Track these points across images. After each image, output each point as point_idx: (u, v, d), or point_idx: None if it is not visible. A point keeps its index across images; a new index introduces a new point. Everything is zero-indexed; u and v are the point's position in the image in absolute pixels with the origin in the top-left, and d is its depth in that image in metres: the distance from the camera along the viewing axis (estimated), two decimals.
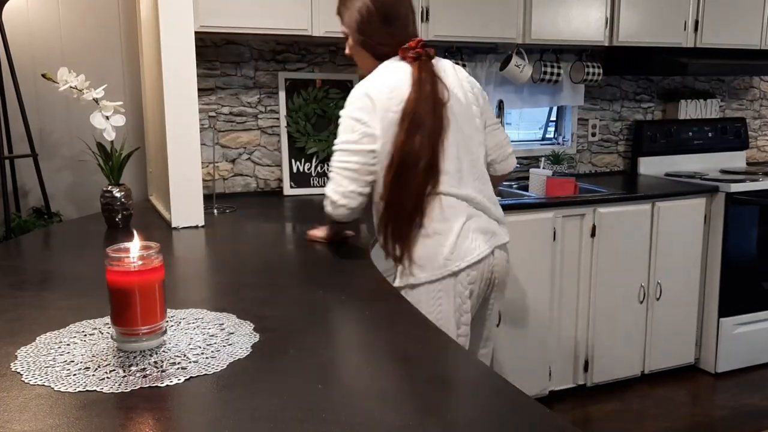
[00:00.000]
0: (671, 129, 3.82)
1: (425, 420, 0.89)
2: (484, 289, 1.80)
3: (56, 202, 2.77)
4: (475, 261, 1.72)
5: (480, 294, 1.79)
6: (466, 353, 1.18)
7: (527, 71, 3.25)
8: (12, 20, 2.63)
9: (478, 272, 1.74)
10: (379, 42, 1.76)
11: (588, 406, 3.06)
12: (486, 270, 1.76)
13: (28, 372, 1.03)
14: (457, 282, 1.71)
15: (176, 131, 2.16)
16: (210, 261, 1.93)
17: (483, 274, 1.76)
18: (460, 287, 1.71)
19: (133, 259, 1.09)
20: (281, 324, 1.27)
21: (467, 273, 1.72)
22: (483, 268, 1.75)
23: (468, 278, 1.72)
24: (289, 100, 2.98)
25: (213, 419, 0.90)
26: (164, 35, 2.10)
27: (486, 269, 1.76)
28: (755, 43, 3.60)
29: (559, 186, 3.10)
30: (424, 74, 1.69)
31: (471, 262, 1.71)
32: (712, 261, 3.32)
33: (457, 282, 1.71)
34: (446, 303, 1.71)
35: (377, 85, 1.70)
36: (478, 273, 1.74)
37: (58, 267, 1.80)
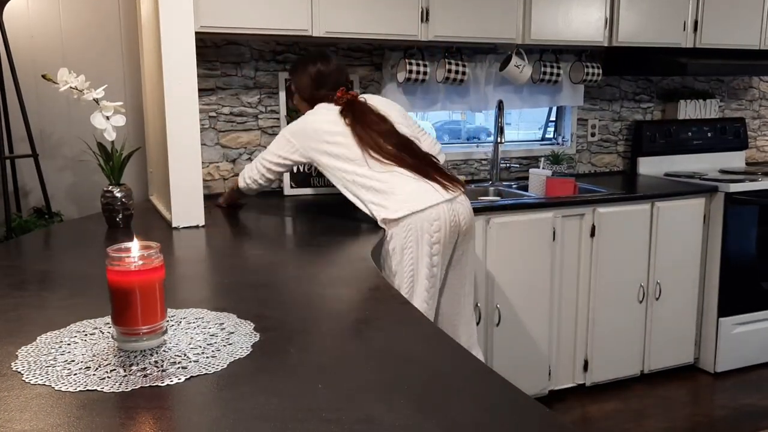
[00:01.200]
0: (671, 129, 3.82)
1: (425, 420, 0.89)
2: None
3: (57, 202, 2.78)
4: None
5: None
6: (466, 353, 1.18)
7: (527, 71, 3.25)
8: (12, 21, 2.64)
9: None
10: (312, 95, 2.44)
11: (587, 406, 3.06)
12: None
13: (29, 371, 1.03)
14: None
15: (177, 131, 2.16)
16: (210, 261, 1.94)
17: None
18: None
19: (133, 259, 1.09)
20: (281, 324, 1.27)
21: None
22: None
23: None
24: (289, 101, 2.99)
25: (213, 419, 0.91)
26: (165, 35, 2.10)
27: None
28: (754, 44, 3.61)
29: (558, 186, 3.11)
30: (354, 106, 2.31)
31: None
32: (712, 261, 3.32)
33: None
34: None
35: (313, 119, 2.33)
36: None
37: (58, 267, 1.80)
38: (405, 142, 2.27)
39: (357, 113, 2.28)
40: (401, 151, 2.23)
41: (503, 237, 2.80)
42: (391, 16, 2.64)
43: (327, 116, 2.31)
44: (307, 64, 2.44)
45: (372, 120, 2.27)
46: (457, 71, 3.08)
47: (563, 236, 2.98)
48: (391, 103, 2.44)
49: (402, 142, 2.26)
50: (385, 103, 2.41)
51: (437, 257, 2.15)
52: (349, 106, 2.30)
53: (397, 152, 2.22)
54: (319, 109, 2.35)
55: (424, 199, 2.14)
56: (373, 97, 2.41)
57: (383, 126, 2.27)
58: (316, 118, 2.33)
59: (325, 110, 2.33)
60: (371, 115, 2.28)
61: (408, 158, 2.22)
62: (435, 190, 2.17)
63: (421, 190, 2.16)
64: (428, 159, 2.28)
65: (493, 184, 3.40)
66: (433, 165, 2.26)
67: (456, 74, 3.08)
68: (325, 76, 2.41)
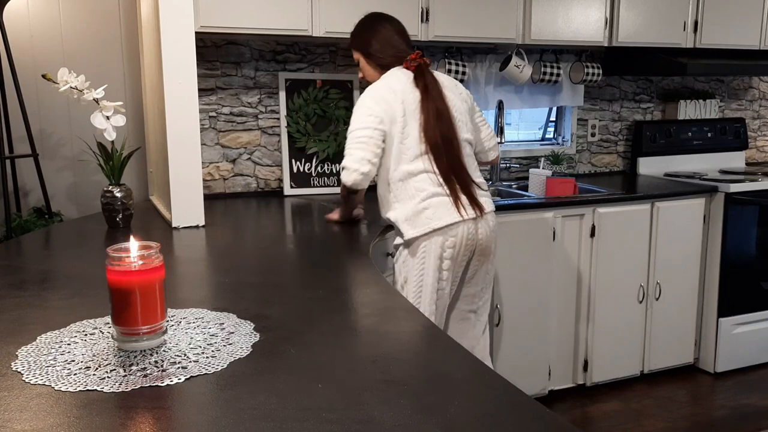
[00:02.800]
0: (671, 129, 3.82)
1: (425, 420, 0.89)
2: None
3: (57, 202, 2.78)
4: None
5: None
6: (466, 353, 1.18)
7: (527, 71, 3.25)
8: (13, 21, 2.64)
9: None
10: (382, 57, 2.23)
11: (587, 406, 3.06)
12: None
13: (29, 371, 1.04)
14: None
15: (177, 131, 2.16)
16: (210, 261, 1.94)
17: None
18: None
19: (133, 259, 1.10)
20: (281, 324, 1.27)
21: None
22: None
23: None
24: (289, 101, 2.99)
25: (213, 418, 0.91)
26: (165, 35, 2.10)
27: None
28: (754, 44, 3.61)
29: (558, 186, 3.11)
30: (426, 76, 2.14)
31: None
32: (712, 261, 3.32)
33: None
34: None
35: (382, 85, 2.15)
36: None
37: (58, 267, 1.80)
38: (450, 135, 2.11)
39: (429, 82, 2.12)
40: (442, 144, 2.08)
41: (503, 237, 2.80)
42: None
43: (400, 81, 2.13)
44: (376, 26, 2.23)
45: (438, 93, 2.11)
46: (457, 71, 3.08)
47: (563, 236, 2.98)
48: (454, 82, 2.25)
49: (448, 133, 2.11)
50: (449, 81, 2.23)
51: (447, 272, 2.12)
52: (420, 73, 2.14)
53: (439, 143, 2.08)
54: (394, 73, 2.17)
55: (444, 217, 2.07)
56: (438, 73, 2.23)
57: (442, 107, 2.10)
58: (391, 81, 2.14)
59: (401, 74, 2.15)
60: (437, 90, 2.12)
61: (444, 156, 2.09)
62: (455, 208, 2.09)
63: (443, 204, 2.08)
64: (461, 167, 2.13)
65: (493, 184, 3.40)
66: (462, 177, 2.13)
67: (456, 74, 3.08)
68: (395, 36, 2.22)
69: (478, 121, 2.32)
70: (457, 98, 2.19)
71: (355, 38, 2.28)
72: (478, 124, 2.31)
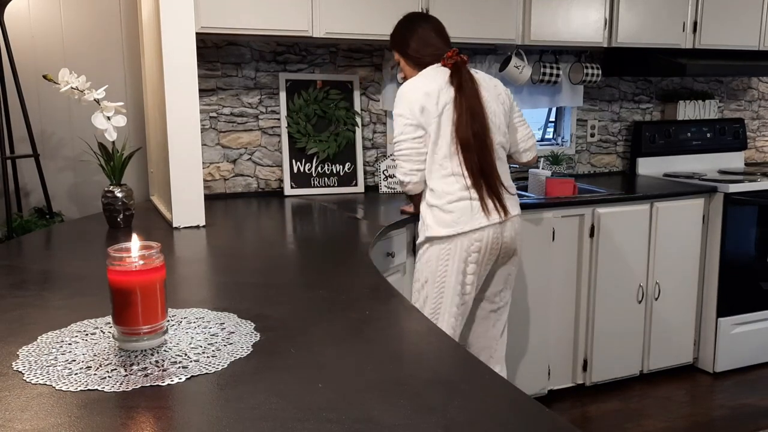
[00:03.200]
0: (670, 130, 3.82)
1: (425, 420, 0.90)
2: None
3: (58, 202, 2.78)
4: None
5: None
6: (466, 353, 1.18)
7: (526, 72, 3.25)
8: (14, 22, 2.64)
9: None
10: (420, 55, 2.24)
11: (587, 406, 3.07)
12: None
13: (30, 371, 1.04)
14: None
15: (177, 132, 2.16)
16: (211, 261, 1.94)
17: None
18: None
19: (134, 259, 1.10)
20: (282, 324, 1.28)
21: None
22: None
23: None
24: (289, 101, 2.99)
25: (214, 418, 0.91)
26: (165, 36, 2.11)
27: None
28: (754, 44, 3.61)
29: (558, 186, 3.11)
30: (462, 73, 2.14)
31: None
32: (711, 261, 3.32)
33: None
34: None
35: (413, 86, 2.15)
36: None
37: (59, 267, 1.81)
38: (483, 134, 2.11)
39: (465, 80, 2.12)
40: (474, 144, 2.09)
41: None
42: (392, 17, 2.62)
43: (434, 76, 2.14)
44: (413, 25, 2.25)
45: (473, 92, 2.11)
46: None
47: (562, 236, 2.98)
48: (493, 81, 2.25)
49: (480, 132, 2.10)
50: (487, 80, 2.22)
51: (472, 276, 2.14)
52: (457, 71, 2.14)
53: (471, 143, 2.08)
54: (429, 71, 2.18)
55: (470, 221, 2.09)
56: (477, 71, 2.24)
57: (476, 107, 2.11)
58: (425, 79, 2.15)
59: (436, 72, 2.16)
60: (473, 89, 2.12)
61: (475, 156, 2.09)
62: (481, 212, 2.10)
63: (469, 208, 2.10)
64: (491, 170, 2.13)
65: None
66: (491, 179, 2.13)
67: None
68: (432, 35, 2.22)
69: (516, 122, 2.30)
70: (493, 100, 2.18)
71: (393, 39, 2.31)
72: (515, 125, 2.30)
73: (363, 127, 3.15)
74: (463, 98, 2.09)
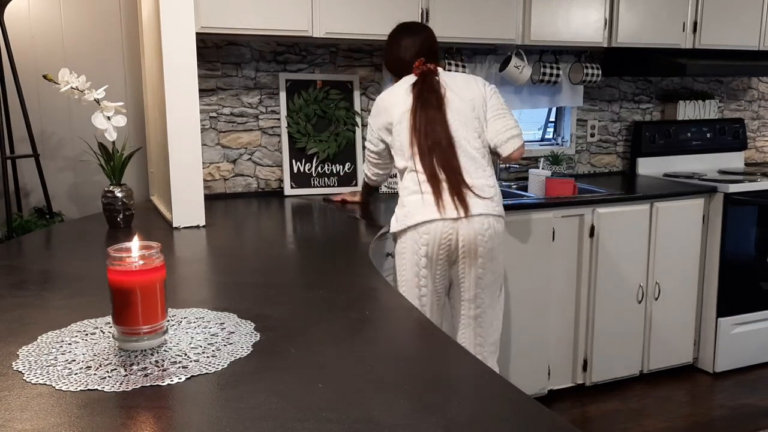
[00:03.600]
0: (670, 130, 3.82)
1: (425, 420, 0.90)
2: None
3: (58, 202, 2.78)
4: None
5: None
6: (466, 353, 1.18)
7: (526, 72, 3.25)
8: (14, 21, 2.64)
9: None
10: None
11: (587, 406, 3.07)
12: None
13: (30, 371, 1.04)
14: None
15: (177, 132, 2.17)
16: (211, 261, 1.94)
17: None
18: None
19: (134, 259, 1.10)
20: (282, 323, 1.28)
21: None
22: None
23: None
24: (289, 101, 2.99)
25: (214, 418, 0.91)
26: (165, 36, 2.11)
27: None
28: (753, 44, 3.61)
29: (558, 186, 3.11)
30: (425, 82, 2.23)
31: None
32: (711, 261, 3.33)
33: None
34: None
35: (381, 98, 2.31)
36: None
37: (59, 267, 1.81)
38: (440, 136, 2.16)
39: (425, 88, 2.21)
40: (430, 145, 2.15)
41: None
42: (392, 17, 2.63)
43: (399, 89, 2.26)
44: (392, 40, 2.37)
45: (431, 99, 2.19)
46: (457, 72, 3.08)
47: (562, 236, 2.98)
48: (471, 83, 2.28)
49: (438, 135, 2.16)
50: (462, 83, 2.26)
51: (425, 270, 2.14)
52: (421, 80, 2.23)
53: (425, 145, 2.15)
54: (401, 82, 2.30)
55: (417, 215, 2.13)
56: (451, 75, 2.29)
57: (433, 112, 2.17)
58: (391, 90, 2.29)
59: (405, 82, 2.27)
60: (434, 94, 2.20)
61: (434, 158, 2.14)
62: (434, 207, 2.11)
63: (420, 202, 2.13)
64: (453, 169, 2.15)
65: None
66: (451, 177, 2.14)
67: None
68: (408, 48, 2.30)
69: (490, 116, 2.26)
70: (461, 100, 2.21)
71: (384, 52, 2.48)
72: (489, 120, 2.26)
73: (363, 127, 3.15)
74: (419, 105, 2.18)
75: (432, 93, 2.19)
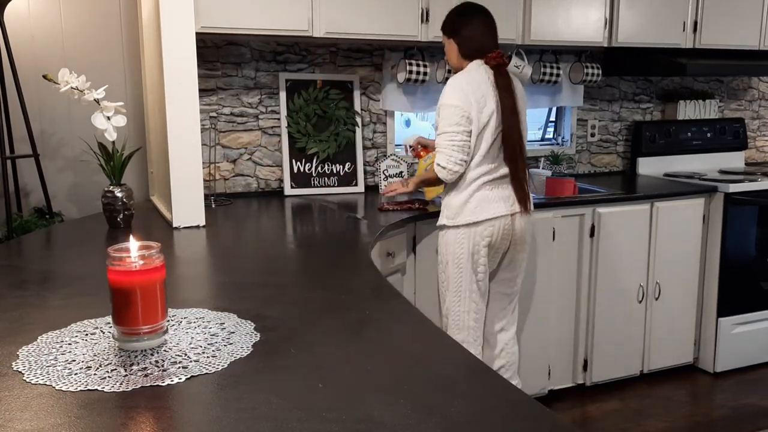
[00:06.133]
0: (670, 129, 3.82)
1: (425, 420, 0.90)
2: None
3: (58, 202, 2.78)
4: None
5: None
6: (466, 353, 1.18)
7: (527, 72, 3.25)
8: (13, 21, 2.64)
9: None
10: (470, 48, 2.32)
11: (587, 406, 3.07)
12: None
13: (30, 371, 1.04)
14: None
15: (177, 132, 2.17)
16: (211, 261, 1.94)
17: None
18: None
19: (134, 259, 1.10)
20: (282, 324, 1.28)
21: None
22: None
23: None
24: (289, 101, 2.99)
25: (214, 418, 0.91)
26: (165, 36, 2.11)
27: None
28: (754, 44, 3.61)
29: (558, 186, 3.11)
30: (503, 76, 2.25)
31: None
32: (711, 261, 3.32)
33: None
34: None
35: (466, 81, 2.24)
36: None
37: (59, 267, 1.81)
38: (519, 134, 2.27)
39: (507, 82, 2.24)
40: (512, 143, 2.24)
41: None
42: (392, 17, 2.64)
43: (478, 77, 2.24)
44: (469, 16, 2.32)
45: (511, 94, 2.24)
46: None
47: (563, 236, 2.98)
48: (520, 84, 2.37)
49: (518, 132, 2.26)
50: (517, 83, 2.35)
51: (485, 258, 2.29)
52: (500, 72, 2.25)
53: (511, 142, 2.23)
54: (476, 68, 2.28)
55: (491, 209, 2.25)
56: (511, 74, 2.34)
57: (515, 109, 2.24)
58: (472, 77, 2.25)
59: (482, 71, 2.26)
60: (512, 91, 2.25)
61: (510, 153, 2.25)
62: (503, 203, 2.27)
63: (493, 197, 2.26)
64: (523, 165, 2.30)
65: None
66: (520, 174, 2.28)
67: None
68: (484, 30, 2.31)
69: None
70: (521, 101, 2.32)
71: (446, 23, 2.38)
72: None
73: (363, 127, 3.15)
74: (506, 100, 2.21)
75: (510, 88, 2.24)
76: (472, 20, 2.30)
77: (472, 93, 2.21)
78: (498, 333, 2.49)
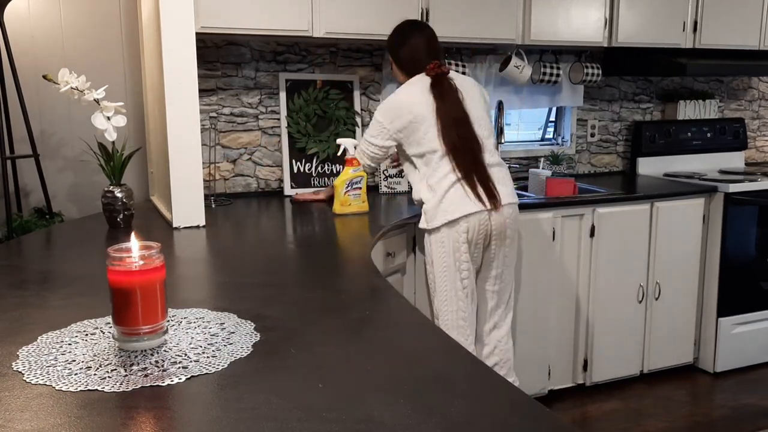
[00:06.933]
0: (670, 129, 3.82)
1: (425, 420, 0.90)
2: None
3: (58, 202, 2.78)
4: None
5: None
6: (466, 353, 1.18)
7: (526, 72, 3.25)
8: (13, 21, 2.64)
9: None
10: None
11: (587, 406, 3.07)
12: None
13: (30, 371, 1.04)
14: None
15: (177, 132, 2.17)
16: (211, 261, 1.94)
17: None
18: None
19: (134, 259, 1.10)
20: (282, 323, 1.28)
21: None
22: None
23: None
24: (289, 101, 2.99)
25: (214, 418, 0.91)
26: (165, 36, 2.11)
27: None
28: (754, 44, 3.61)
29: (558, 186, 3.11)
30: (442, 84, 2.35)
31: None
32: (711, 261, 3.32)
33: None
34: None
35: (400, 97, 2.38)
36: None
37: (59, 267, 1.81)
38: (467, 136, 2.32)
39: (445, 90, 2.33)
40: (460, 146, 2.30)
41: None
42: (391, 17, 2.63)
43: (414, 90, 2.35)
44: (406, 35, 2.44)
45: (453, 100, 2.33)
46: (456, 72, 3.08)
47: (563, 236, 2.98)
48: (475, 86, 2.47)
49: (466, 135, 2.32)
50: (469, 86, 2.43)
51: (465, 254, 2.31)
52: (437, 82, 2.35)
53: (457, 145, 2.29)
54: (415, 82, 2.38)
55: (462, 207, 2.27)
56: (460, 77, 2.44)
57: (459, 112, 2.32)
58: (408, 90, 2.37)
59: (421, 84, 2.36)
60: (453, 95, 2.34)
61: (461, 156, 2.30)
62: (471, 200, 2.28)
63: (460, 197, 2.28)
64: (479, 164, 2.33)
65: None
66: (480, 173, 2.32)
67: None
68: (421, 47, 2.41)
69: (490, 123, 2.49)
70: (471, 99, 2.38)
71: (388, 43, 2.51)
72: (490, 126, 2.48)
73: (363, 127, 3.15)
74: (443, 107, 2.31)
75: (451, 94, 2.34)
76: (408, 41, 2.42)
77: (407, 106, 2.33)
78: (491, 331, 2.50)
